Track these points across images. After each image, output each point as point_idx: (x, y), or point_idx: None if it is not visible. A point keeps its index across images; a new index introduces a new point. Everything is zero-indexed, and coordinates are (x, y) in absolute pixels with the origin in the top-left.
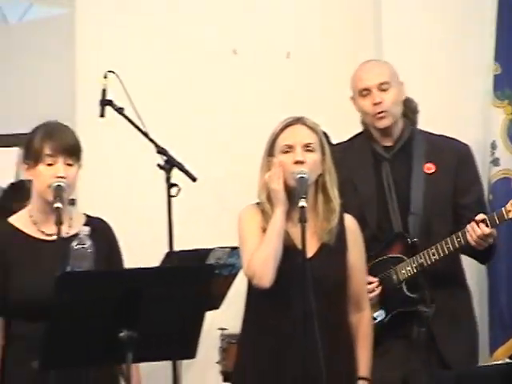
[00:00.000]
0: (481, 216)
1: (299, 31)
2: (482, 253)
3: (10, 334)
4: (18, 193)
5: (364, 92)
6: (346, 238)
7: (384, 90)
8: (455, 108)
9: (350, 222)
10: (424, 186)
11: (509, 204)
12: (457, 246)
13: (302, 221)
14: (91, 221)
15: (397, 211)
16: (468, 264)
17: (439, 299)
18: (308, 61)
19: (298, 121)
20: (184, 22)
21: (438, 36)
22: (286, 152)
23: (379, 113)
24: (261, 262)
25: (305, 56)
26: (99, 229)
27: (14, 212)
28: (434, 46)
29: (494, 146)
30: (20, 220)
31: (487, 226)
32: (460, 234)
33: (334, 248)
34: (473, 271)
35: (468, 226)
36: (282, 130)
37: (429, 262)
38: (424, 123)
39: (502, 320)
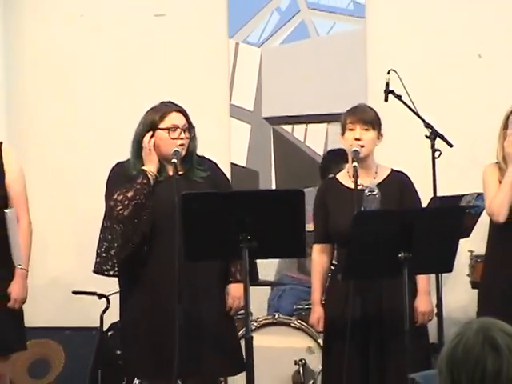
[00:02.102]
0: None
1: None
2: None
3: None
4: (338, 156)
5: None
6: None
7: None
8: None
9: None
10: None
11: None
12: None
13: None
14: (394, 174)
15: None
16: None
17: None
18: None
19: None
20: (439, 31)
21: None
22: None
23: None
24: (498, 205)
25: None
26: (394, 179)
27: (331, 171)
28: None
29: None
30: (341, 175)
31: None
32: None
33: None
34: None
35: None
36: None
37: None
38: None
39: None
